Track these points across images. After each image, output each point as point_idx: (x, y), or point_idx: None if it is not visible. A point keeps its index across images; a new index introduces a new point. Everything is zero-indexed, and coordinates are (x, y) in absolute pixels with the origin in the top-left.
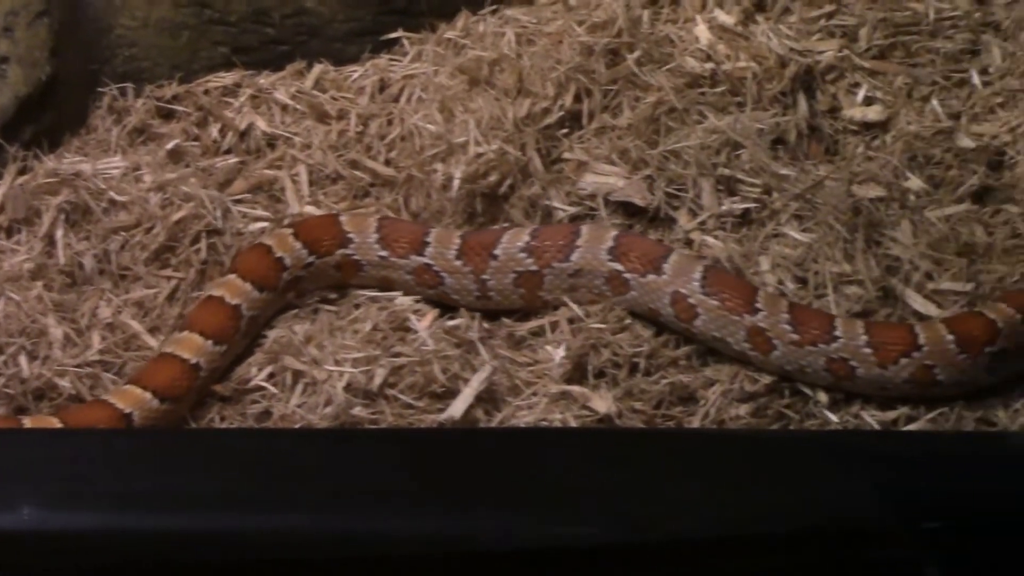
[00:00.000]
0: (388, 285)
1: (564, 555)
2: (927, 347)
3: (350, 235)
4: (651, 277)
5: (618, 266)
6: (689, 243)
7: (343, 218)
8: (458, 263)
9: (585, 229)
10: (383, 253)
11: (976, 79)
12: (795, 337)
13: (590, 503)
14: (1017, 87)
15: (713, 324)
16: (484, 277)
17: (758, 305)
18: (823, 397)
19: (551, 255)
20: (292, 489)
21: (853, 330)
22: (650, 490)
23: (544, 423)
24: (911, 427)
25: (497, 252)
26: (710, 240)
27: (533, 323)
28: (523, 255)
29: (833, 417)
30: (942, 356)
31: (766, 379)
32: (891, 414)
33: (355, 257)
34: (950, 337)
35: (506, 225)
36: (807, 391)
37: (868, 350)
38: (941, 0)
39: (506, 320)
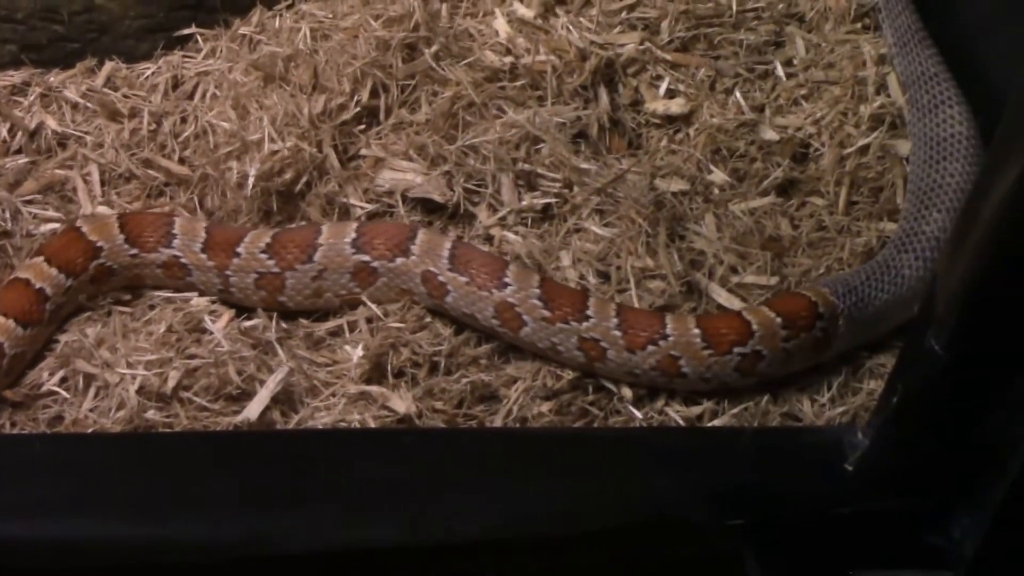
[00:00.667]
0: (145, 283)
1: (364, 557)
2: (673, 337)
3: (98, 243)
4: (400, 261)
5: (364, 257)
6: (490, 239)
7: (84, 228)
8: (203, 256)
9: (324, 227)
10: (133, 251)
11: (780, 71)
12: (546, 314)
13: (388, 504)
14: (821, 78)
15: (463, 301)
16: (227, 274)
17: (507, 280)
18: (627, 392)
19: (293, 257)
20: (83, 495)
21: (605, 311)
22: (449, 490)
23: (343, 424)
24: (715, 422)
25: (240, 250)
26: (511, 236)
27: (331, 323)
28: (264, 256)
29: (637, 413)
30: (687, 348)
31: (569, 375)
32: (695, 409)
33: (108, 264)
34: (696, 331)
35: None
36: (611, 387)
37: (618, 332)
38: None
39: (304, 320)
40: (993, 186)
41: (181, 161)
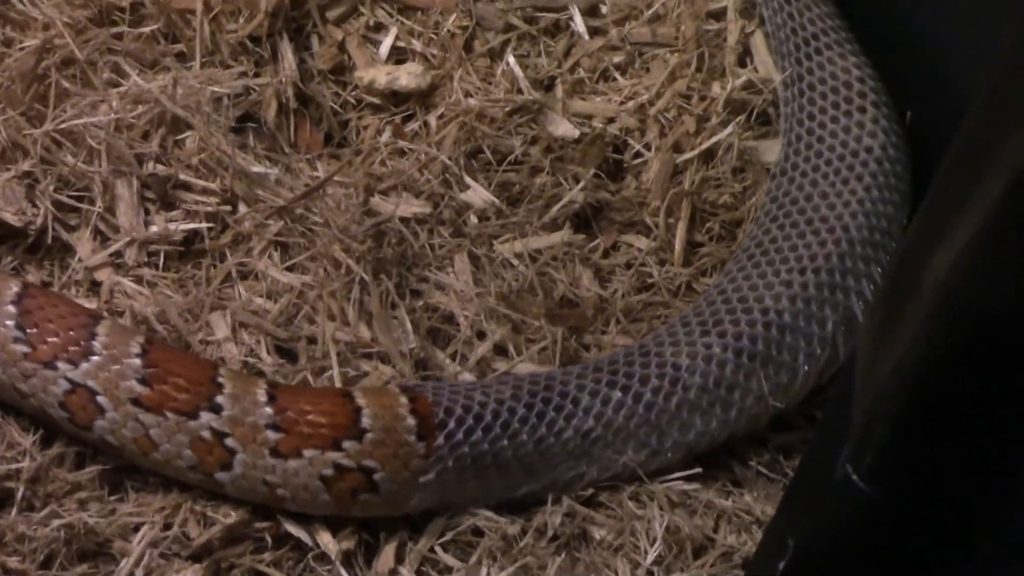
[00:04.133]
0: None
1: None
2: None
3: None
4: None
5: None
6: (95, 285)
7: None
8: None
9: None
10: None
11: (579, 23)
12: (144, 393)
13: None
14: (646, 38)
15: (23, 380)
16: None
17: (94, 346)
18: (328, 541)
19: None
20: None
21: (248, 392)
22: None
23: None
24: None
25: None
26: (129, 284)
27: None
28: None
29: None
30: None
31: (231, 515)
32: None
33: None
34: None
35: None
36: (300, 534)
37: (272, 432)
38: None
39: None
40: (943, 237)
41: None
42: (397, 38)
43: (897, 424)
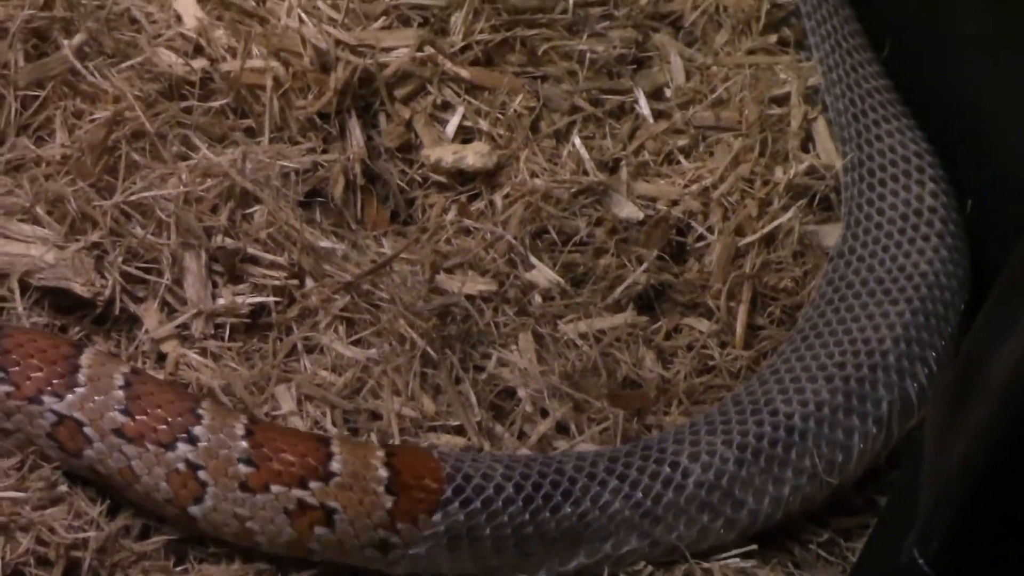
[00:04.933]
0: None
1: None
2: None
3: None
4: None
5: None
6: (161, 358)
7: None
8: None
9: None
10: None
11: (644, 105)
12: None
13: None
14: (710, 121)
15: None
16: None
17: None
18: None
19: None
20: None
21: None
22: None
23: None
24: None
25: None
26: (194, 357)
27: None
28: None
29: None
30: None
31: None
32: None
33: None
34: None
35: None
36: None
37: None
38: None
39: None
40: (1012, 328)
41: None
42: (464, 117)
43: (964, 510)
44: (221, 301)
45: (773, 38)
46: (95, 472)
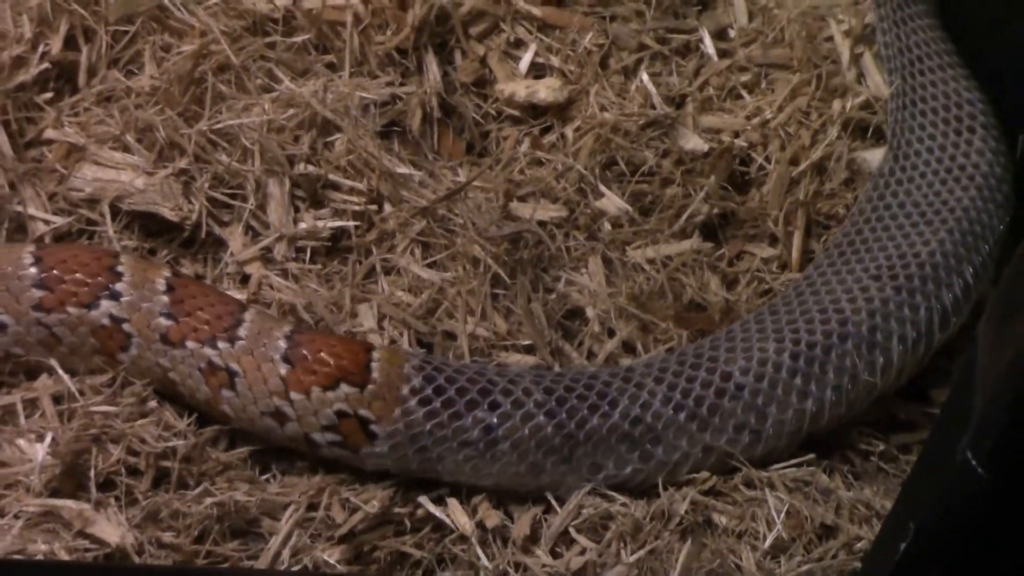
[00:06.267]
0: None
1: None
2: None
3: None
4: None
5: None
6: (245, 279)
7: None
8: None
9: None
10: None
11: (709, 44)
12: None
13: None
14: (769, 59)
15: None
16: None
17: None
18: (465, 522)
19: None
20: None
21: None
22: None
23: (18, 557)
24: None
25: None
26: (276, 278)
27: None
28: None
29: (486, 560)
30: None
31: (373, 503)
32: (576, 560)
33: None
34: None
35: None
36: (444, 518)
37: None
38: None
39: None
40: None
41: None
42: (536, 54)
43: (1016, 412)
44: (303, 225)
45: None
46: None
